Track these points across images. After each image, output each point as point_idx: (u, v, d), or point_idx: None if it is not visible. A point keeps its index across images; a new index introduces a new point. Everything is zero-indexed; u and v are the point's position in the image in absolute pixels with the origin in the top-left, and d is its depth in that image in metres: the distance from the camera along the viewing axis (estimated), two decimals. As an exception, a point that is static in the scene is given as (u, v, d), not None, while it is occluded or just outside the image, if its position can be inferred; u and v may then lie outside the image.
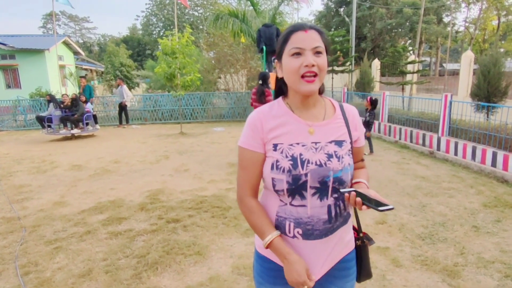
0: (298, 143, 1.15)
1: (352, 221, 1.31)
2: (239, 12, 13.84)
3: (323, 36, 1.14)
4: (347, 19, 18.95)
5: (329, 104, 1.27)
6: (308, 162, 1.13)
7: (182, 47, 9.92)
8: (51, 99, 10.62)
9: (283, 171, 1.13)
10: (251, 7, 14.58)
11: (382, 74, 16.70)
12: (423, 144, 7.36)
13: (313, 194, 1.14)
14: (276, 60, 1.21)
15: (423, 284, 2.64)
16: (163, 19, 42.54)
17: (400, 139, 8.23)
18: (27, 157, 7.56)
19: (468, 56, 11.55)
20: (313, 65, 1.08)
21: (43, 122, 10.07)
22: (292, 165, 1.12)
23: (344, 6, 25.95)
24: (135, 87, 22.76)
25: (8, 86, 18.21)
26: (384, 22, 22.37)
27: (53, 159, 7.28)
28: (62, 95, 10.86)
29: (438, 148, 6.87)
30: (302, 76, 1.10)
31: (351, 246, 1.30)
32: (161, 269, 2.83)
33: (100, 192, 4.94)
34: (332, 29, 24.22)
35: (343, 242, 1.25)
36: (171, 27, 36.43)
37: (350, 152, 1.21)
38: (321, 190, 1.14)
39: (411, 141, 7.81)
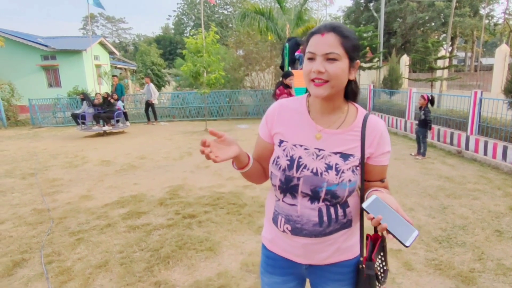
0: (301, 145, 1.15)
1: (357, 230, 1.22)
2: (265, 10, 13.86)
3: (346, 39, 1.06)
4: (375, 14, 18.40)
5: (353, 113, 1.19)
6: (304, 167, 1.12)
7: (207, 45, 10.10)
8: (84, 97, 11.18)
9: (279, 168, 1.16)
10: (278, 5, 14.56)
11: (413, 71, 16.09)
12: (451, 143, 7.06)
13: (304, 197, 1.14)
14: None
15: (434, 288, 2.57)
16: (193, 18, 43.36)
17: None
18: (62, 152, 8.03)
19: (502, 51, 10.90)
20: (320, 72, 1.05)
21: (78, 119, 10.64)
22: (288, 165, 1.14)
23: (374, 0, 25.21)
24: (165, 85, 23.41)
25: (50, 85, 19.30)
26: (415, 16, 21.49)
27: (84, 154, 7.68)
28: (96, 93, 11.40)
29: (467, 148, 6.57)
30: (312, 80, 1.08)
31: (352, 253, 1.23)
32: (173, 263, 2.94)
33: (124, 187, 5.17)
34: (362, 25, 23.57)
35: (339, 247, 1.19)
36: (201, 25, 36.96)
37: (357, 168, 1.14)
38: (312, 197, 1.13)
39: (438, 140, 7.52)
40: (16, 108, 14.43)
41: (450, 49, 20.00)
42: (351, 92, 1.18)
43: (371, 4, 25.37)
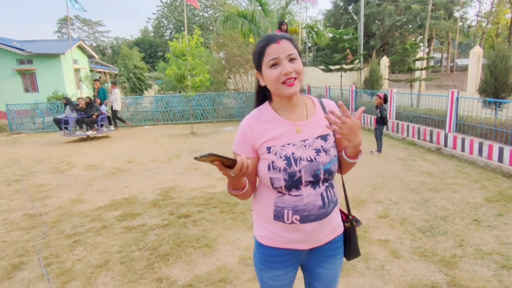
0: (289, 143, 1.29)
1: (338, 206, 1.45)
2: (247, 13, 14.01)
3: (294, 42, 1.27)
4: (355, 16, 18.89)
5: (310, 102, 1.41)
6: (301, 159, 1.27)
7: (191, 48, 10.15)
8: (67, 102, 11.01)
9: (279, 170, 1.27)
10: (260, 8, 14.73)
11: (392, 72, 16.62)
12: (431, 141, 7.40)
13: (306, 185, 1.29)
14: (256, 71, 1.34)
15: (420, 274, 2.76)
16: (174, 21, 43.08)
17: (407, 136, 8.27)
18: (46, 158, 7.90)
19: (476, 52, 11.47)
20: (290, 72, 1.22)
21: (60, 124, 10.46)
22: (286, 164, 1.27)
23: (353, 3, 25.85)
24: (147, 88, 23.19)
25: (27, 90, 18.78)
26: (393, 19, 22.22)
27: (70, 159, 7.60)
28: (78, 98, 11.24)
29: (445, 145, 6.91)
30: (283, 82, 1.24)
31: (340, 229, 1.44)
32: (172, 260, 3.02)
33: (115, 190, 5.19)
34: (341, 27, 24.11)
35: (333, 225, 1.39)
36: (182, 28, 36.84)
37: (335, 144, 1.36)
38: (314, 182, 1.29)
39: (418, 138, 7.85)
40: (-8, 114, 14.05)
41: (427, 50, 20.74)
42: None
43: (350, 7, 26.00)
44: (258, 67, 1.30)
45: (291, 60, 1.24)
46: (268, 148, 1.29)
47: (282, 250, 1.37)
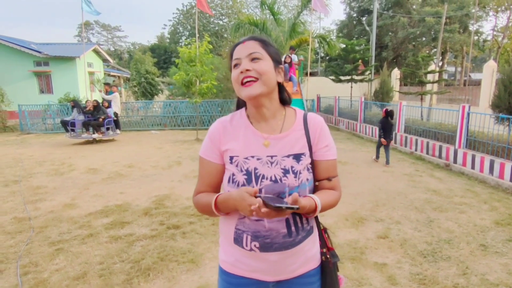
0: (253, 156, 1.13)
1: (317, 235, 1.25)
2: (259, 22, 14.01)
3: (266, 44, 1.15)
4: (367, 28, 18.71)
5: (291, 115, 1.23)
6: (263, 177, 1.11)
7: (200, 55, 10.13)
8: (75, 104, 11.08)
9: (238, 185, 1.11)
10: (272, 17, 14.71)
11: (404, 84, 16.33)
12: (439, 156, 7.12)
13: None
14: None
15: (417, 304, 2.54)
16: (189, 28, 43.58)
17: (416, 150, 7.99)
18: (49, 159, 7.90)
19: (490, 66, 11.13)
20: (247, 70, 1.09)
21: (67, 126, 10.51)
22: (246, 179, 1.11)
23: (366, 15, 25.66)
24: (158, 93, 23.35)
25: (42, 91, 19.12)
26: (406, 31, 21.87)
27: (72, 162, 7.57)
28: (86, 101, 11.30)
29: (455, 161, 6.62)
30: (242, 84, 1.11)
31: (316, 261, 1.24)
32: (153, 275, 2.86)
33: (110, 196, 5.08)
34: (354, 38, 23.93)
35: (306, 256, 1.20)
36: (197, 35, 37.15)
37: (310, 166, 1.17)
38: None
39: (427, 153, 7.57)
40: (5, 114, 14.25)
41: (440, 63, 20.35)
42: (286, 96, 1.24)
43: (364, 18, 25.81)
44: (230, 70, 1.18)
45: (253, 59, 1.11)
46: (231, 158, 1.15)
47: (246, 279, 1.20)
